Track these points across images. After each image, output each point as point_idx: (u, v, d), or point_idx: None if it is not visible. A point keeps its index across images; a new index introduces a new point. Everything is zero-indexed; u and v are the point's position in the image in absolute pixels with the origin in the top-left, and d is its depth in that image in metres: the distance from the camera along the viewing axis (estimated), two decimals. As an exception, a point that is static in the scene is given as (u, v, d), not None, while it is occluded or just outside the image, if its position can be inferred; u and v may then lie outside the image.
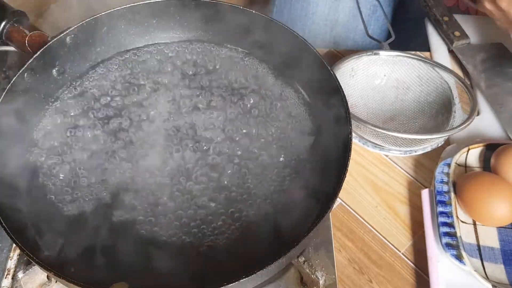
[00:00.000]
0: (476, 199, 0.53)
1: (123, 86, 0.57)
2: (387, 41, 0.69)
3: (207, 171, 0.51)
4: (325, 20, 0.88)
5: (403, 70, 0.68)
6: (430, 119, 0.65)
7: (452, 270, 0.52)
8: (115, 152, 0.52)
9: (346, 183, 0.60)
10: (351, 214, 0.59)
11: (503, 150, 0.56)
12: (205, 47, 0.62)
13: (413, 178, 0.62)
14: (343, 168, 0.44)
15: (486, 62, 0.73)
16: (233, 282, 0.38)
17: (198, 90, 0.57)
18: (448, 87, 0.64)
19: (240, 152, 0.52)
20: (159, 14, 0.60)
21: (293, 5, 0.90)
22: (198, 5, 0.59)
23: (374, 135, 0.61)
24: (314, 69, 0.54)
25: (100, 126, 0.54)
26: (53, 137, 0.53)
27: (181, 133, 0.54)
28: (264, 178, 0.51)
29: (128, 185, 0.50)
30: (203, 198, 0.49)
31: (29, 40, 0.53)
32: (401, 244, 0.56)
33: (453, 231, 0.52)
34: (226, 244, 0.47)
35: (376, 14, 0.89)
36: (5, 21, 0.54)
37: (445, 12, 0.78)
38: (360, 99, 0.68)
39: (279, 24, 0.55)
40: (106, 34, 0.58)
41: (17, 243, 0.40)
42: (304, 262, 0.48)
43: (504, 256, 0.53)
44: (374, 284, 0.53)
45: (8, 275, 0.50)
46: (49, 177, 0.50)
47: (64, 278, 0.38)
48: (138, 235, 0.47)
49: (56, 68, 0.55)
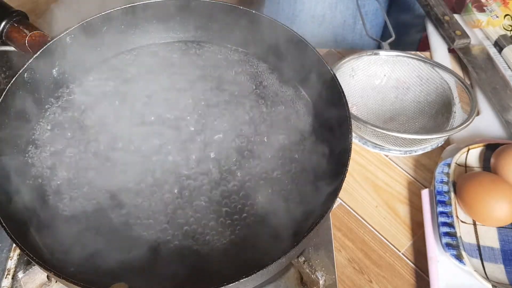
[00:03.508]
0: (476, 199, 0.53)
1: (123, 86, 0.57)
2: (387, 41, 0.69)
3: (207, 171, 0.51)
4: (312, 17, 0.89)
5: (403, 70, 0.68)
6: (430, 119, 0.65)
7: (452, 270, 0.52)
8: (115, 152, 0.52)
9: (346, 183, 0.60)
10: (351, 214, 0.59)
11: (503, 150, 0.56)
12: (205, 47, 0.62)
13: (413, 178, 0.62)
14: (343, 168, 0.44)
15: (487, 62, 0.73)
16: (233, 282, 0.38)
17: (198, 90, 0.57)
18: (448, 87, 0.64)
19: (240, 152, 0.52)
20: (159, 14, 0.60)
21: (281, 4, 0.91)
22: (198, 5, 0.59)
23: (374, 135, 0.61)
24: (314, 69, 0.54)
25: (100, 126, 0.54)
26: (53, 137, 0.53)
27: (181, 133, 0.54)
28: (263, 178, 0.51)
29: (129, 185, 0.50)
30: (203, 197, 0.49)
31: (29, 40, 0.53)
32: (401, 244, 0.56)
33: (453, 231, 0.52)
34: (226, 244, 0.47)
35: (365, 9, 0.89)
36: (5, 21, 0.54)
37: (446, 11, 0.78)
38: (360, 99, 0.68)
39: (279, 24, 0.55)
40: (106, 34, 0.58)
41: (17, 243, 0.40)
42: (304, 262, 0.48)
43: (504, 256, 0.53)
44: (374, 284, 0.53)
45: (8, 275, 0.50)
46: (49, 177, 0.50)
47: (64, 278, 0.38)
48: (138, 235, 0.47)
49: (56, 68, 0.55)
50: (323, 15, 0.88)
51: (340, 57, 0.70)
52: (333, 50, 0.77)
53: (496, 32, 0.76)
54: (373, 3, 0.88)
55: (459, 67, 0.75)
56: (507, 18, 0.77)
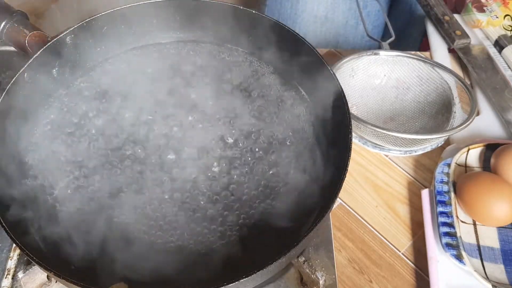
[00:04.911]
0: (476, 199, 0.53)
1: (123, 86, 0.57)
2: (387, 41, 0.69)
3: (205, 170, 0.51)
4: (315, 17, 0.89)
5: (403, 70, 0.68)
6: (430, 119, 0.65)
7: (452, 270, 0.52)
8: (115, 152, 0.52)
9: (346, 183, 0.60)
10: (351, 214, 0.59)
11: (503, 150, 0.56)
12: (205, 47, 0.62)
13: (413, 178, 0.62)
14: (343, 168, 0.44)
15: (487, 62, 0.73)
16: (233, 282, 0.38)
17: (197, 90, 0.57)
18: (448, 87, 0.64)
19: (240, 152, 0.52)
20: (159, 14, 0.60)
21: (283, 4, 0.91)
22: (198, 5, 0.59)
23: (374, 135, 0.61)
24: (314, 69, 0.54)
25: (100, 126, 0.54)
26: (53, 137, 0.53)
27: (181, 133, 0.54)
28: (264, 178, 0.51)
29: (129, 184, 0.50)
30: (203, 198, 0.49)
31: (29, 40, 0.53)
32: (401, 244, 0.56)
33: (453, 231, 0.52)
34: (226, 245, 0.47)
35: (367, 10, 0.89)
36: (5, 21, 0.54)
37: (446, 11, 0.78)
38: (360, 99, 0.68)
39: (279, 24, 0.55)
40: (106, 34, 0.58)
41: (17, 243, 0.40)
42: (304, 262, 0.48)
43: (504, 256, 0.53)
44: (374, 284, 0.53)
45: (8, 275, 0.50)
46: (48, 177, 0.50)
47: (64, 278, 0.38)
48: (139, 236, 0.47)
49: (56, 68, 0.55)
50: (325, 15, 0.89)
51: (340, 57, 0.70)
52: (333, 50, 0.77)
53: (496, 32, 0.76)
54: (375, 4, 0.88)
55: (459, 67, 0.75)
56: (507, 18, 0.77)
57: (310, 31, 0.90)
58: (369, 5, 0.89)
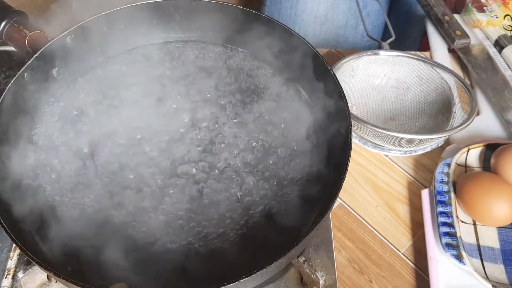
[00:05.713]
0: (476, 199, 0.53)
1: (123, 86, 0.57)
2: (387, 41, 0.69)
3: (205, 170, 0.51)
4: (315, 17, 0.89)
5: (403, 70, 0.68)
6: (430, 119, 0.65)
7: (452, 270, 0.52)
8: (115, 152, 0.52)
9: (346, 183, 0.60)
10: (351, 214, 0.59)
11: (503, 150, 0.56)
12: (205, 47, 0.62)
13: (413, 178, 0.62)
14: (343, 168, 0.44)
15: (487, 62, 0.73)
16: (233, 282, 0.38)
17: (197, 90, 0.57)
18: (448, 87, 0.64)
19: (239, 152, 0.52)
20: (159, 14, 0.60)
21: (283, 4, 0.91)
22: (198, 5, 0.59)
23: (374, 135, 0.61)
24: (314, 69, 0.54)
25: (100, 126, 0.54)
26: (53, 137, 0.53)
27: (181, 132, 0.54)
28: (263, 178, 0.51)
29: (129, 184, 0.50)
30: (202, 198, 0.49)
31: (29, 40, 0.53)
32: (401, 244, 0.56)
33: (453, 231, 0.52)
34: (226, 245, 0.47)
35: (367, 10, 0.89)
36: (5, 21, 0.54)
37: (446, 11, 0.78)
38: (360, 99, 0.68)
39: (279, 24, 0.55)
40: (106, 34, 0.58)
41: (17, 243, 0.40)
42: (304, 262, 0.48)
43: (504, 256, 0.53)
44: (374, 284, 0.53)
45: (8, 275, 0.50)
46: (49, 178, 0.50)
47: (64, 278, 0.38)
48: (139, 236, 0.47)
49: (56, 68, 0.55)
50: (325, 15, 0.89)
51: (340, 57, 0.70)
52: (333, 50, 0.77)
53: (496, 32, 0.76)
54: (375, 4, 0.88)
55: (459, 67, 0.75)
56: (507, 18, 0.77)
57: (310, 31, 0.90)
58: (369, 5, 0.89)
